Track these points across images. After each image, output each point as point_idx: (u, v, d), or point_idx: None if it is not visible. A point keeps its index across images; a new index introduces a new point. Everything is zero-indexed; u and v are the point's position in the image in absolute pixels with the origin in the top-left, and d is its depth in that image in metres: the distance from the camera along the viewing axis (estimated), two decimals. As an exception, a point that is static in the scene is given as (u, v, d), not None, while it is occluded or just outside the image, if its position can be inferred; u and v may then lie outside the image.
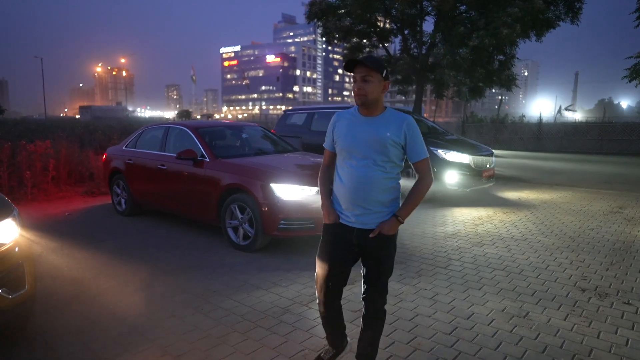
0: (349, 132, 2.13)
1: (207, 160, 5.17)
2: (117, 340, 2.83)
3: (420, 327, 3.02)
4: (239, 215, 4.76)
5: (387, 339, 2.85)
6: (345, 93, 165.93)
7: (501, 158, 14.56)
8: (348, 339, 2.50)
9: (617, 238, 5.30)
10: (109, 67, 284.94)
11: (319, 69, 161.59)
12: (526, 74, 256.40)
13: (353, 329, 2.74)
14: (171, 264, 4.35)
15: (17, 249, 2.62)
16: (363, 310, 2.29)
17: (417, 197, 2.12)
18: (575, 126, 21.66)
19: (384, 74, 2.08)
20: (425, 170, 2.12)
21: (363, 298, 2.27)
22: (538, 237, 5.36)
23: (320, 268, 2.22)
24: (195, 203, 5.29)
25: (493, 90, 13.76)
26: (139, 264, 4.34)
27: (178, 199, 5.56)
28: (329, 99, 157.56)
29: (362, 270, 2.25)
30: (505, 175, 10.76)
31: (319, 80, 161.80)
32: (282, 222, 4.48)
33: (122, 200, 6.53)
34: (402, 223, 2.10)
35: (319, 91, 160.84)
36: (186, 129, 5.72)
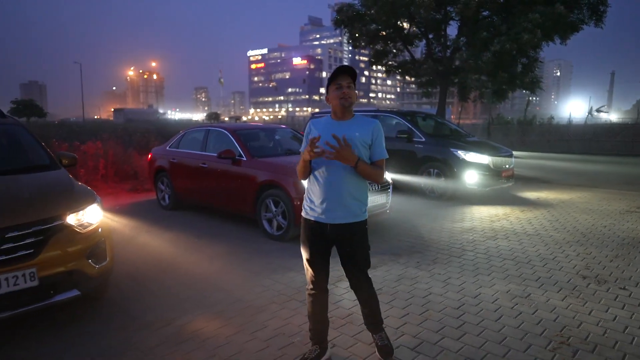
0: (323, 135, 2.35)
1: (245, 159, 5.76)
2: (176, 307, 3.42)
3: (431, 303, 3.49)
4: (273, 209, 5.32)
5: (401, 311, 3.34)
6: (372, 95, 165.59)
7: (525, 160, 14.69)
8: (330, 344, 2.73)
9: (627, 234, 5.59)
10: (141, 71, 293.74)
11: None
12: (558, 74, 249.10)
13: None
14: (214, 250, 4.95)
15: (100, 230, 3.24)
16: (356, 296, 2.62)
17: (374, 170, 2.38)
18: (605, 127, 21.37)
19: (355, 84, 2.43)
20: (383, 167, 2.45)
21: (352, 288, 2.59)
22: (550, 232, 5.70)
23: (305, 259, 2.56)
24: (234, 198, 5.88)
25: (524, 92, 13.88)
26: (186, 249, 4.96)
27: (218, 194, 6.18)
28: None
29: (341, 265, 2.55)
30: (527, 176, 10.97)
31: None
32: (312, 214, 5.00)
33: (166, 196, 7.21)
34: (354, 166, 2.28)
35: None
36: (225, 131, 6.33)
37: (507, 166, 8.13)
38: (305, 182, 2.57)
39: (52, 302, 2.88)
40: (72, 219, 3.02)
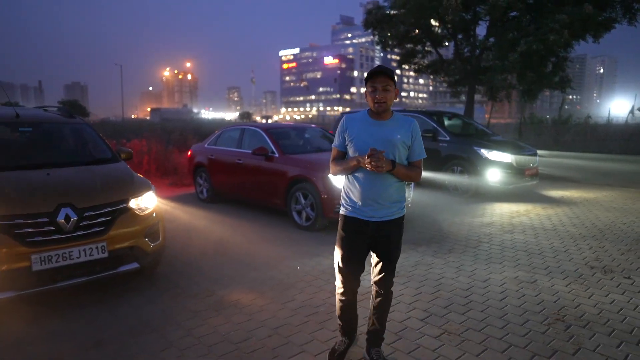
0: (362, 134, 2.38)
1: (277, 155, 6.26)
2: (217, 281, 3.94)
3: (443, 285, 3.87)
4: (302, 201, 5.80)
5: (415, 290, 3.74)
6: (403, 94, 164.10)
7: (557, 159, 14.60)
8: (357, 334, 2.80)
9: (645, 231, 5.74)
10: (176, 71, 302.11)
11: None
12: (602, 71, 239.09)
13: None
14: (249, 237, 5.47)
15: (155, 214, 3.79)
16: (373, 292, 2.60)
17: (412, 171, 2.41)
18: (633, 128, 20.78)
19: (395, 84, 2.36)
20: (421, 167, 2.47)
21: (375, 282, 2.54)
22: (568, 228, 5.92)
23: (341, 258, 2.51)
24: (266, 191, 6.40)
25: (563, 91, 13.79)
26: (224, 235, 5.50)
27: (252, 188, 6.71)
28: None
29: (372, 259, 2.54)
30: (556, 175, 11.01)
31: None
32: (338, 206, 5.43)
33: (204, 190, 7.82)
34: (391, 170, 2.30)
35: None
36: (259, 130, 6.86)
37: (531, 165, 8.30)
38: (332, 178, 2.81)
39: (118, 272, 3.44)
40: (133, 203, 3.59)
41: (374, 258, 2.52)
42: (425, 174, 8.40)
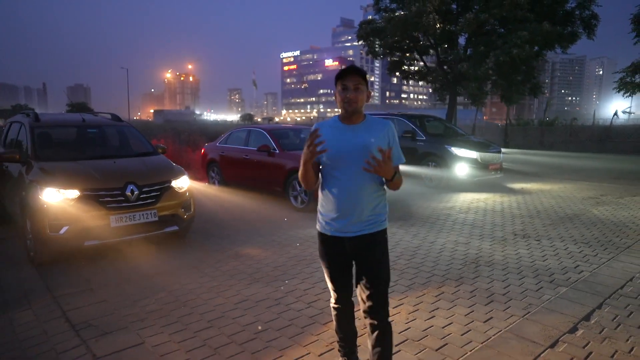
0: (333, 141, 2.12)
1: (277, 152, 7.66)
2: (233, 242, 5.34)
3: (399, 244, 5.27)
4: (298, 188, 7.20)
5: (378, 247, 5.14)
6: (403, 96, 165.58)
7: (535, 157, 16.00)
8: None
9: (573, 212, 7.12)
10: (177, 73, 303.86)
11: (377, 72, 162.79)
12: (601, 72, 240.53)
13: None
14: (256, 215, 6.86)
15: (188, 193, 5.19)
16: (367, 326, 2.26)
17: (400, 179, 2.21)
18: (616, 129, 22.25)
19: (367, 85, 2.16)
20: (399, 172, 2.23)
21: (365, 312, 2.24)
22: (513, 210, 7.31)
23: (325, 273, 2.37)
24: (269, 180, 7.80)
25: (562, 92, 15.19)
26: (236, 213, 6.89)
27: (257, 178, 8.12)
28: (387, 101, 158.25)
29: (359, 285, 2.26)
30: (524, 171, 12.39)
31: (377, 83, 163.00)
32: (326, 192, 6.84)
33: (216, 182, 9.23)
34: (390, 179, 2.12)
35: (377, 94, 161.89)
36: (263, 131, 8.27)
37: (495, 161, 9.70)
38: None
39: (164, 232, 4.84)
40: (174, 183, 4.98)
41: (358, 284, 2.27)
42: (405, 167, 9.92)
